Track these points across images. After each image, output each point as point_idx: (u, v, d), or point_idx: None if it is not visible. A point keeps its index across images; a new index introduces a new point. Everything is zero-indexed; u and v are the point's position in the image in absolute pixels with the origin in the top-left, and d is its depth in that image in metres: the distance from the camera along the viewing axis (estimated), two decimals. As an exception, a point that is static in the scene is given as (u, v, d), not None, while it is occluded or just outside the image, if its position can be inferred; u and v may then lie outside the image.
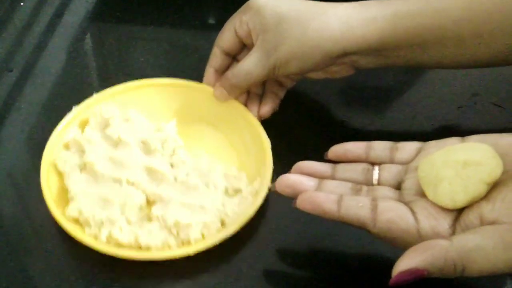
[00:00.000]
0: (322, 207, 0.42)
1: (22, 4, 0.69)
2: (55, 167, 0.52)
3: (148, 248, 0.48)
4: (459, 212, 0.41)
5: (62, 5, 0.69)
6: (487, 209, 0.39)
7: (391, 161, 0.46)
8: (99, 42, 0.67)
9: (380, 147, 0.47)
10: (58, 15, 0.68)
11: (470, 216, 0.40)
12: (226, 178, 0.52)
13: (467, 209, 0.41)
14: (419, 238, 0.40)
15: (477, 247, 0.37)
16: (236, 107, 0.55)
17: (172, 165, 0.53)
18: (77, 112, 0.55)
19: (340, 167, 0.47)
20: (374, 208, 0.42)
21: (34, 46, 0.65)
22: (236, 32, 0.54)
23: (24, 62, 0.64)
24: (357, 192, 0.44)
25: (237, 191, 0.51)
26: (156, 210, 0.50)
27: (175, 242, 0.48)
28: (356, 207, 0.42)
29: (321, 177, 0.45)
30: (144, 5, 0.68)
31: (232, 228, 0.48)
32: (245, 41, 0.55)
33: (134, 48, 0.62)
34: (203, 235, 0.48)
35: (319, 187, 0.45)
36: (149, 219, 0.50)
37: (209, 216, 0.49)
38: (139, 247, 0.48)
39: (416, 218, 0.41)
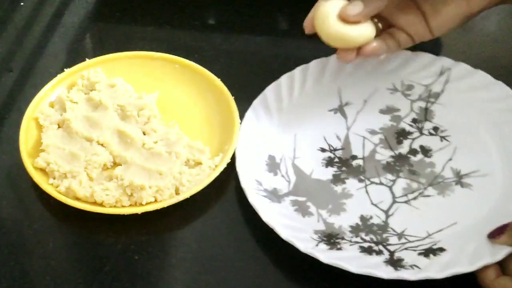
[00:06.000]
0: None
1: (22, 4, 0.69)
2: (38, 121, 0.56)
3: (101, 204, 0.50)
4: None
5: (62, 5, 0.69)
6: None
7: None
8: (99, 42, 0.67)
9: None
10: (58, 15, 0.68)
11: None
12: (190, 150, 0.54)
13: None
14: None
15: None
16: (219, 87, 0.57)
17: (144, 133, 0.55)
18: (67, 74, 0.59)
19: None
20: None
21: (34, 46, 0.65)
22: None
23: (24, 62, 0.64)
24: None
25: (198, 163, 0.53)
26: (117, 170, 0.52)
27: (128, 202, 0.50)
28: None
29: None
30: (144, 5, 0.68)
31: (184, 195, 0.50)
32: None
33: (134, 48, 0.62)
34: (156, 199, 0.50)
35: None
36: (111, 178, 0.52)
37: (165, 182, 0.51)
38: (94, 202, 0.50)
39: None
